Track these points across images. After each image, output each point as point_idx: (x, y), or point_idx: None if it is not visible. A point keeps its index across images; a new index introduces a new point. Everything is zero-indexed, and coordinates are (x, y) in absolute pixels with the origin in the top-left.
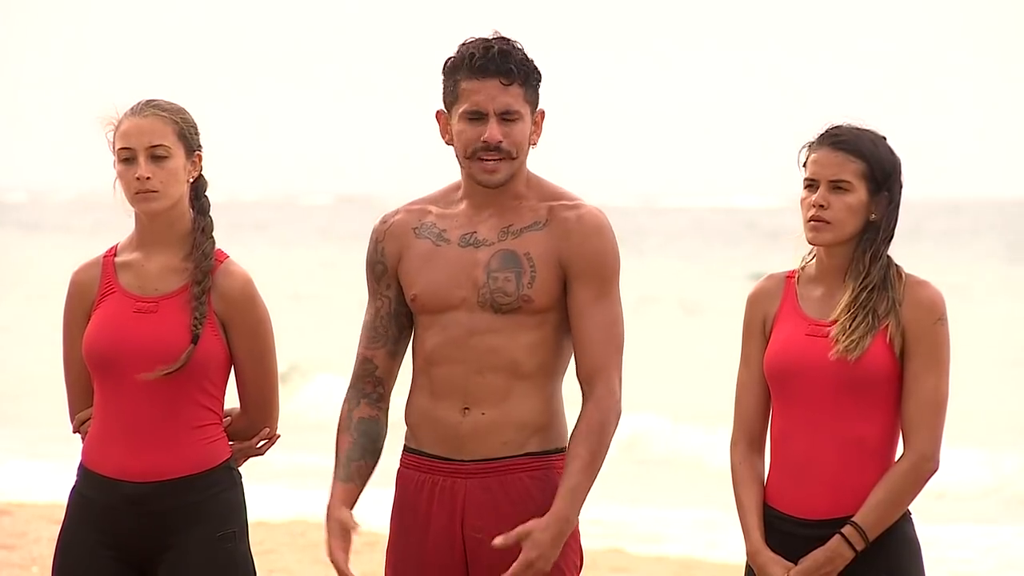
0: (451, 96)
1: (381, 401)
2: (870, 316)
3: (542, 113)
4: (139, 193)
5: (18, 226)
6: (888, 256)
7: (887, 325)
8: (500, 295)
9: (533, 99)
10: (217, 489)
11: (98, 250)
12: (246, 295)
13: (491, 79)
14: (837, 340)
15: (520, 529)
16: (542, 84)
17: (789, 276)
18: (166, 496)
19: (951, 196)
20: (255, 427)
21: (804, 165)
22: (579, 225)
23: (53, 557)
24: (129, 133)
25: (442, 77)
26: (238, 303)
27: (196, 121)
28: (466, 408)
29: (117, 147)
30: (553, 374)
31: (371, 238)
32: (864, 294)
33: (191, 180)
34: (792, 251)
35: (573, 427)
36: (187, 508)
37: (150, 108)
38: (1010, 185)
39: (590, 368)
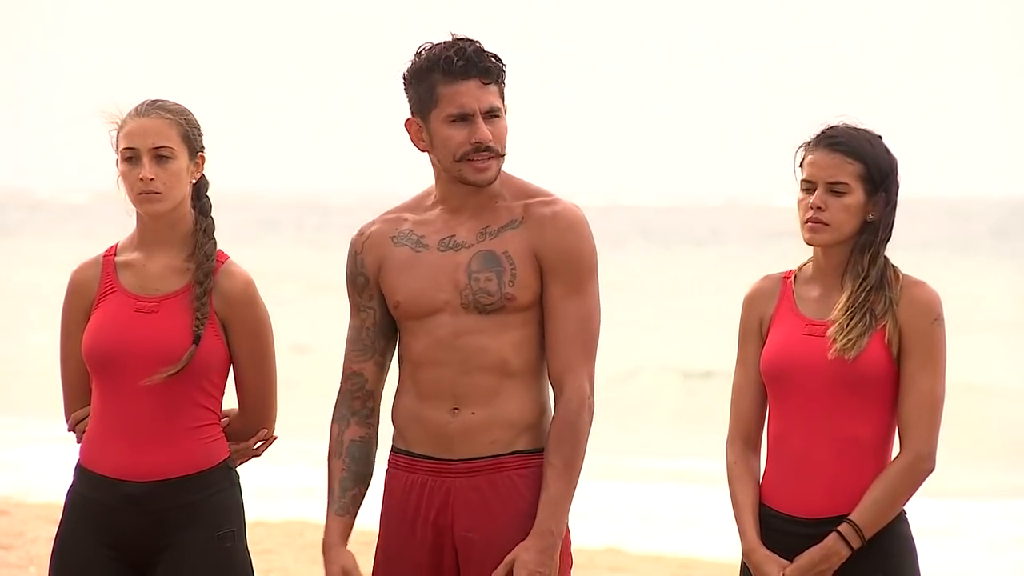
0: (427, 102)
1: (371, 417)
2: (867, 316)
3: (505, 109)
4: (142, 194)
5: None
6: (885, 256)
7: (884, 325)
8: (483, 295)
9: (503, 96)
10: (216, 489)
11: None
12: (247, 296)
13: (472, 80)
14: (834, 339)
15: (507, 558)
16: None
17: (785, 276)
18: (165, 496)
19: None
20: (253, 428)
21: (800, 166)
22: (554, 221)
23: (50, 557)
24: (133, 133)
25: (407, 85)
26: (239, 304)
27: (200, 122)
28: (455, 408)
29: (121, 147)
30: (540, 372)
31: (349, 251)
32: (862, 294)
33: (193, 181)
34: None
35: (548, 430)
36: (186, 508)
37: (154, 109)
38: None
39: (559, 367)
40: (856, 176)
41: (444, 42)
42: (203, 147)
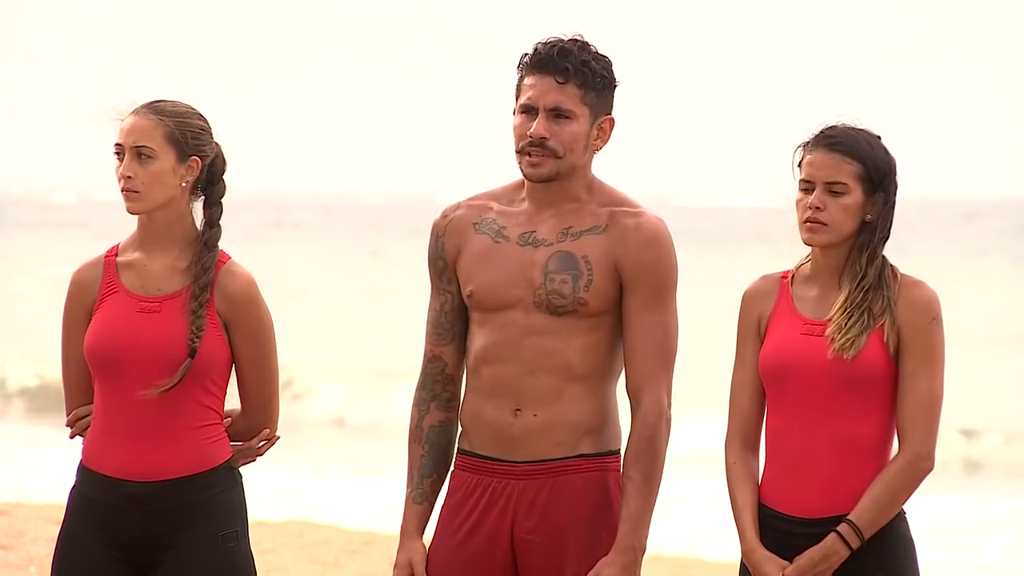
0: (516, 90)
1: (452, 401)
2: (865, 315)
3: (610, 121)
4: (122, 191)
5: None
6: (883, 256)
7: (883, 324)
8: (556, 296)
9: (596, 103)
10: (219, 489)
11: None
12: (249, 296)
13: (547, 76)
14: (833, 339)
15: (589, 574)
16: (615, 92)
17: (784, 276)
18: (168, 496)
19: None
20: (255, 428)
21: (799, 165)
22: (637, 232)
23: (53, 556)
24: (123, 130)
25: None
26: (241, 304)
27: (206, 126)
28: (518, 409)
29: (113, 142)
30: (607, 377)
31: (432, 232)
32: (860, 294)
33: (184, 184)
34: (788, 252)
35: (626, 444)
36: (189, 508)
37: (147, 108)
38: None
39: (638, 380)
40: (855, 176)
41: (553, 37)
42: (201, 152)
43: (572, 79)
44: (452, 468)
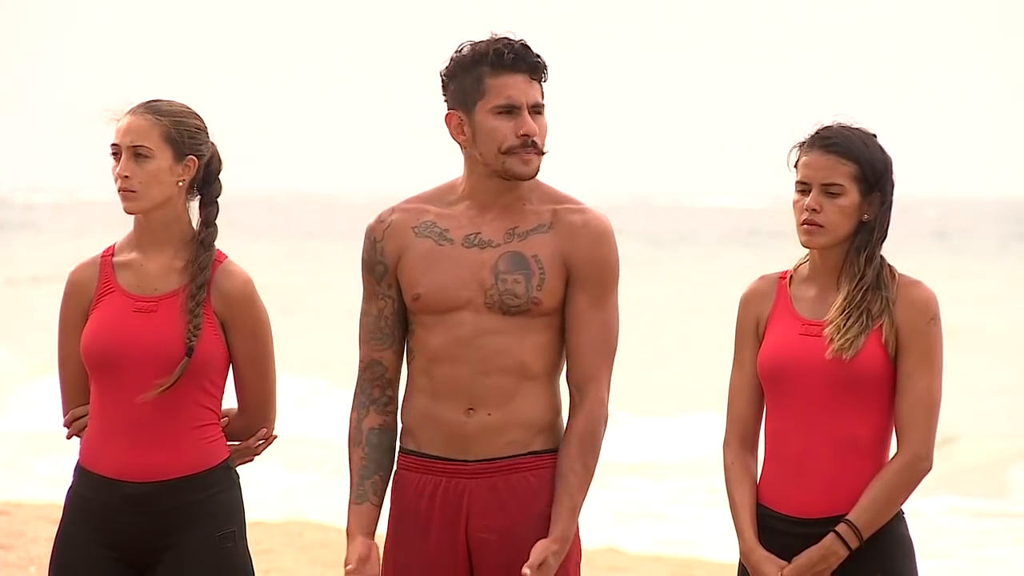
0: (472, 93)
1: (390, 405)
2: (864, 316)
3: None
4: (120, 191)
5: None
6: (881, 256)
7: (881, 325)
8: (510, 297)
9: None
10: (216, 489)
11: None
12: (246, 296)
13: (521, 74)
14: (831, 339)
15: (534, 559)
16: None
17: (781, 277)
18: (166, 496)
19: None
20: (252, 428)
21: (795, 166)
22: (586, 230)
23: (50, 557)
24: (119, 131)
25: (448, 78)
26: (238, 303)
27: (202, 126)
28: (471, 409)
29: (110, 143)
30: (555, 374)
31: (367, 237)
32: (859, 294)
33: (181, 184)
34: (784, 255)
35: (564, 436)
36: (187, 508)
37: (144, 108)
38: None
39: (582, 375)
40: (851, 177)
41: (490, 38)
42: (197, 151)
43: (538, 75)
44: (395, 469)
